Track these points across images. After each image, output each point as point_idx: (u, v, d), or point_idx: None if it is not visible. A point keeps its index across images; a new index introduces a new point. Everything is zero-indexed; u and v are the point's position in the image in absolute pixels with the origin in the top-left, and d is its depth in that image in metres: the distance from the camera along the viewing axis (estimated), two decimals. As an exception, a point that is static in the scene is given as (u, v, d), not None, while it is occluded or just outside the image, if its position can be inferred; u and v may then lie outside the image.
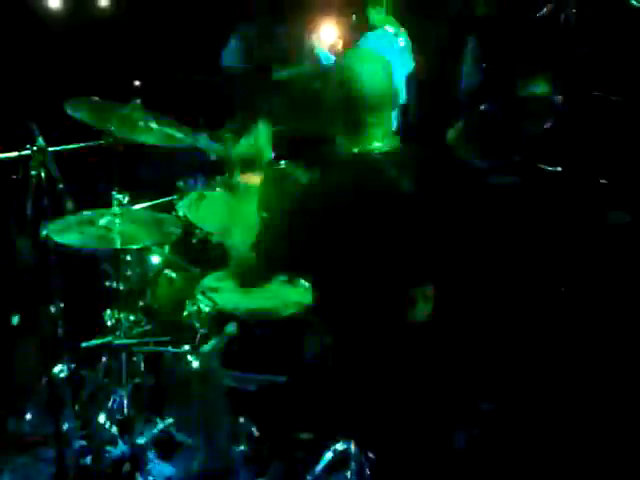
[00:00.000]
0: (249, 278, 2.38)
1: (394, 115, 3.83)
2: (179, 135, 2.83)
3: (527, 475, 2.66)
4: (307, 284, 2.53)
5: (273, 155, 3.40)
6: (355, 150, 2.07)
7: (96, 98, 2.67)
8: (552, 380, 2.96)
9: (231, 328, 2.46)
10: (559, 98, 3.33)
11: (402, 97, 4.32)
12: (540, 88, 3.41)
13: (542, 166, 3.26)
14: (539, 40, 3.64)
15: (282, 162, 3.29)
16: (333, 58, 4.34)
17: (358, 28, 4.58)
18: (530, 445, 2.72)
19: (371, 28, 4.39)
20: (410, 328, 2.12)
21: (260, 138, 2.95)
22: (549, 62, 3.54)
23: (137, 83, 2.68)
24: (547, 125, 3.29)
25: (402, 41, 4.45)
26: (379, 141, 2.06)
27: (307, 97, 4.12)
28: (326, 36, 4.64)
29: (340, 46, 4.61)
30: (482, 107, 3.32)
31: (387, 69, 2.09)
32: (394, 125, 3.61)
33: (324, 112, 2.17)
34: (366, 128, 2.05)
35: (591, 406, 2.83)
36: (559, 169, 3.21)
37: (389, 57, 3.81)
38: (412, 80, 4.49)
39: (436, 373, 2.30)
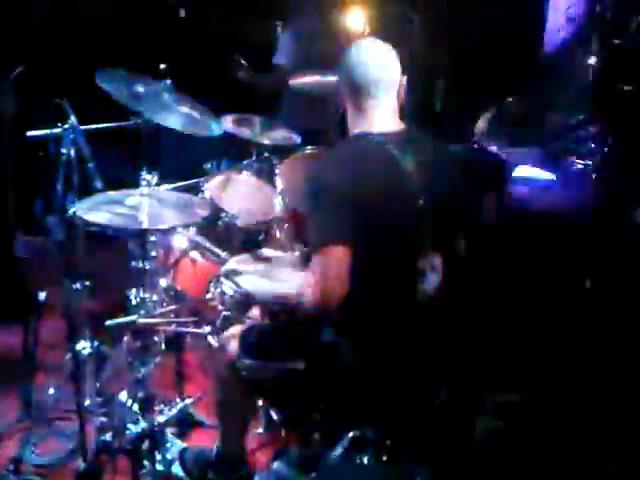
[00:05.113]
0: None
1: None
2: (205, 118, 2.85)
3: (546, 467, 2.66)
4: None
5: (299, 141, 3.42)
6: (356, 131, 2.17)
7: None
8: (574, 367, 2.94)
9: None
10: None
11: None
12: None
13: (572, 159, 3.22)
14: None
15: (308, 147, 3.32)
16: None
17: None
18: (549, 437, 2.71)
19: None
20: (425, 306, 2.14)
21: None
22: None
23: (163, 66, 2.70)
24: (579, 117, 3.26)
25: None
26: (382, 123, 2.14)
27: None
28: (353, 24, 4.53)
29: (367, 32, 4.52)
30: (511, 98, 3.30)
31: (389, 53, 2.18)
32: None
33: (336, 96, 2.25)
34: (367, 111, 2.14)
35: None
36: (589, 163, 3.18)
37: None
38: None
39: (454, 357, 2.30)
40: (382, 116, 2.16)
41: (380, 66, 2.15)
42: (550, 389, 2.90)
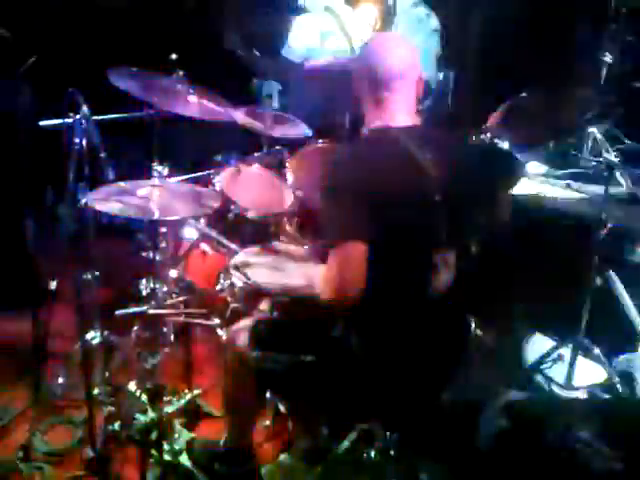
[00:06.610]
0: None
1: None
2: (218, 109, 2.85)
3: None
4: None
5: (310, 134, 3.41)
6: (374, 125, 2.16)
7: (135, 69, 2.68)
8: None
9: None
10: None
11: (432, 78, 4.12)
12: None
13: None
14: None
15: (319, 140, 3.31)
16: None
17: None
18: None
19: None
20: (436, 302, 2.14)
21: None
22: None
23: (173, 56, 2.69)
24: (588, 115, 3.24)
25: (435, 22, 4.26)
26: (399, 117, 2.14)
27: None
28: (364, 16, 4.51)
29: (378, 26, 4.48)
30: (524, 93, 3.28)
31: (408, 49, 2.17)
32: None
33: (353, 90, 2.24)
34: (385, 105, 2.13)
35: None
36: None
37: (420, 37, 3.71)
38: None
39: (463, 352, 2.30)
40: (400, 111, 2.15)
41: (400, 60, 2.13)
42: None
